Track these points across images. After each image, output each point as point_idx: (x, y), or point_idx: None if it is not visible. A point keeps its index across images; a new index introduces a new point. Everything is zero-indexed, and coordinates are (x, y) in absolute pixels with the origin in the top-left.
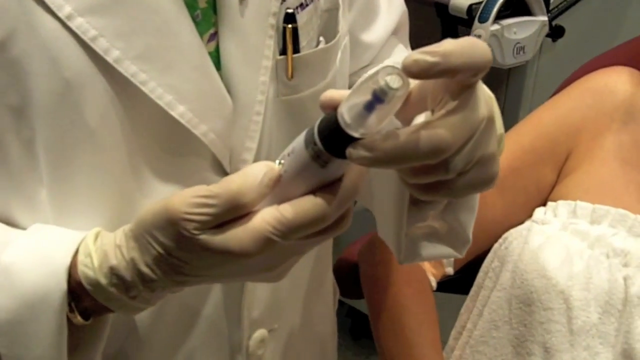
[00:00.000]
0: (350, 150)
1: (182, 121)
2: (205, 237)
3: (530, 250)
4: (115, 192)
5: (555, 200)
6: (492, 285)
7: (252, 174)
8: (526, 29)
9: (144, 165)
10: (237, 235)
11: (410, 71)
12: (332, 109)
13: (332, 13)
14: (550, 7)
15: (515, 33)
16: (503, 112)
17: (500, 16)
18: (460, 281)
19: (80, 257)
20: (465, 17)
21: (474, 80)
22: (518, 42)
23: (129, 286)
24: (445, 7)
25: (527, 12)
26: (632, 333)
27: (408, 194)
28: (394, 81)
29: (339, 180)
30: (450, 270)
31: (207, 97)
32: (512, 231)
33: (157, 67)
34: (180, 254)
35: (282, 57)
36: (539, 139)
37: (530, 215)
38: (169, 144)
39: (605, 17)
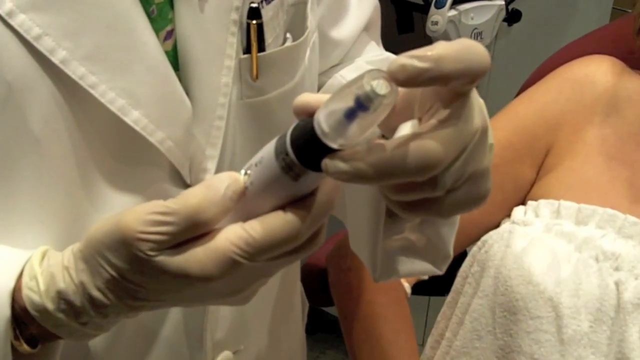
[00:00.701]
0: (326, 163)
1: (137, 128)
2: (161, 258)
3: (514, 254)
4: (64, 205)
5: (535, 199)
6: (472, 291)
7: (214, 187)
8: (483, 13)
9: (95, 177)
10: (198, 257)
11: (397, 78)
12: (307, 115)
13: (299, 7)
14: None
15: (472, 18)
16: None
17: (456, 1)
18: (434, 283)
19: (25, 280)
20: (422, 2)
21: (469, 88)
22: (476, 28)
23: (78, 312)
24: None
25: None
26: (626, 341)
27: (384, 205)
28: (381, 87)
29: (312, 194)
30: (424, 276)
31: (164, 101)
32: (492, 233)
33: (108, 69)
34: (135, 277)
35: (245, 56)
36: (516, 134)
37: (508, 215)
38: (123, 153)
39: (559, 1)
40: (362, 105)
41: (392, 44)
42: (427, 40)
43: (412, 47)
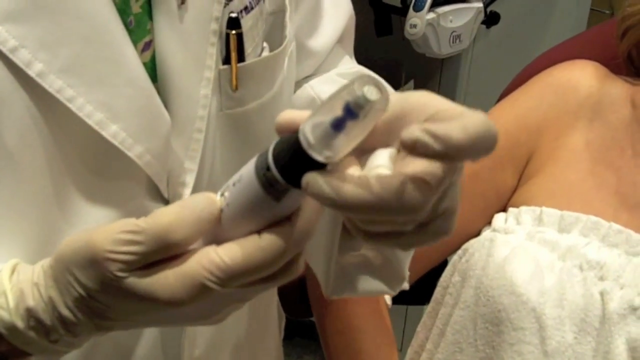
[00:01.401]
0: (308, 179)
1: (115, 142)
2: (130, 280)
3: (495, 263)
4: (38, 220)
5: (517, 206)
6: (453, 302)
7: (188, 207)
8: (462, 16)
9: (71, 191)
10: (167, 280)
11: (405, 145)
12: (290, 132)
13: (278, 16)
14: None
15: (451, 21)
16: None
17: (435, 3)
18: (413, 292)
19: None
20: (400, 5)
21: None
22: (454, 31)
23: (48, 330)
24: None
25: None
26: (612, 353)
27: (341, 221)
28: (372, 92)
29: (291, 217)
30: (405, 286)
31: (143, 114)
32: (473, 242)
33: (86, 82)
34: (103, 297)
35: (225, 66)
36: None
37: (489, 223)
38: (99, 167)
39: (539, 2)
40: (351, 112)
41: (370, 46)
42: (406, 43)
43: (390, 50)
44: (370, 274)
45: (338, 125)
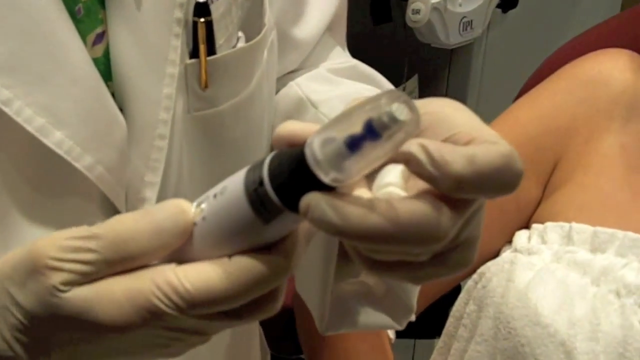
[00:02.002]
0: (309, 201)
1: (60, 152)
2: (71, 295)
3: (517, 289)
4: None
5: (542, 222)
6: (468, 335)
7: (152, 215)
8: None
9: (9, 210)
10: (113, 297)
11: (399, 159)
12: (290, 146)
13: (255, 1)
14: None
15: (460, 5)
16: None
17: None
18: (422, 324)
19: None
20: None
21: None
22: (464, 16)
23: None
24: None
25: None
26: None
27: (337, 243)
28: (402, 111)
29: (273, 245)
30: (411, 317)
31: (93, 119)
32: (490, 265)
33: (25, 82)
34: (43, 322)
35: (192, 60)
36: (517, 146)
37: (509, 241)
38: (43, 182)
39: None
40: (373, 131)
41: (367, 36)
42: (408, 32)
43: (390, 40)
44: (371, 304)
45: (354, 145)
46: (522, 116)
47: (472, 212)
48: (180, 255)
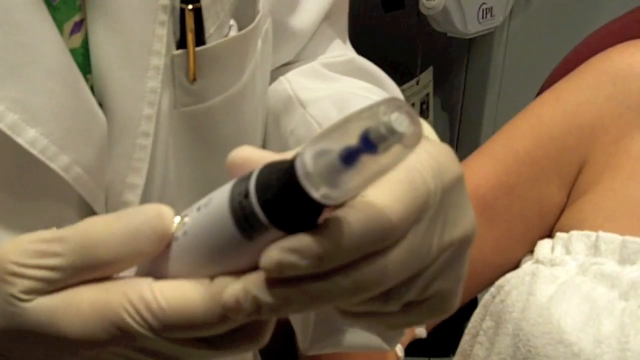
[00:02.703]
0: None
1: (33, 151)
2: (34, 305)
3: (538, 304)
4: None
5: (566, 230)
6: (484, 354)
7: (126, 219)
8: None
9: None
10: (79, 308)
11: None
12: (243, 174)
13: None
14: None
15: None
16: (463, 97)
17: None
18: (434, 341)
19: None
20: None
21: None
22: (484, 3)
23: None
24: None
25: None
26: None
27: None
28: (402, 122)
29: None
30: (422, 332)
31: (69, 115)
32: (510, 277)
33: None
34: (2, 334)
35: (180, 51)
36: (540, 146)
37: (530, 251)
38: (15, 184)
39: None
40: (369, 143)
41: (377, 25)
42: (421, 20)
43: (402, 29)
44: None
45: (349, 158)
46: (545, 114)
47: (441, 264)
48: (157, 271)
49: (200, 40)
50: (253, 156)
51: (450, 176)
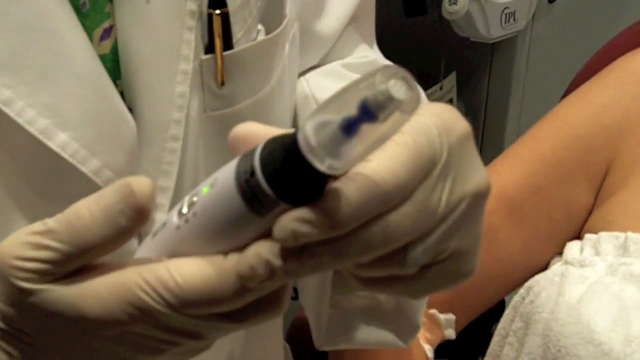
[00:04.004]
0: (282, 223)
1: (65, 155)
2: (49, 294)
3: (568, 304)
4: None
5: (595, 232)
6: (514, 354)
7: (105, 199)
8: None
9: (13, 216)
10: (97, 291)
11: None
12: (246, 150)
13: None
14: None
15: None
16: (487, 101)
17: None
18: (463, 343)
19: None
20: None
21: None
22: (507, 7)
23: None
24: None
25: None
26: None
27: None
28: (399, 89)
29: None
30: (451, 334)
31: (100, 120)
32: (539, 278)
33: (26, 80)
34: (23, 323)
35: (208, 56)
36: (567, 148)
37: (559, 253)
38: (47, 188)
39: None
40: (369, 112)
41: (399, 31)
42: (444, 26)
43: (425, 35)
44: (378, 321)
45: (350, 128)
46: (570, 116)
47: (454, 221)
48: (170, 253)
49: (228, 45)
50: (257, 131)
51: (457, 133)
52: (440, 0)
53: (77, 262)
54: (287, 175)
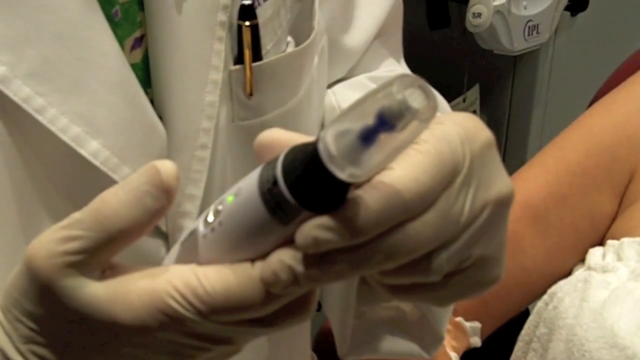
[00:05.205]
0: (304, 231)
1: (96, 162)
2: (87, 296)
3: (591, 309)
4: (4, 261)
5: (617, 238)
6: (538, 359)
7: (131, 182)
8: (540, 1)
9: (43, 223)
10: (128, 298)
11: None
12: (272, 156)
13: (305, 3)
14: None
15: (525, 8)
16: (510, 112)
17: None
18: (488, 350)
19: None
20: None
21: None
22: (530, 20)
23: None
24: None
25: None
26: None
27: None
28: (416, 98)
29: None
30: (476, 341)
31: (131, 128)
32: (562, 284)
33: (59, 88)
34: (53, 325)
35: (237, 66)
36: (591, 156)
37: (582, 260)
38: (78, 194)
39: None
40: (385, 122)
41: (423, 42)
42: (468, 38)
43: (448, 47)
44: (402, 331)
45: (368, 137)
46: (595, 124)
47: (477, 228)
48: (198, 261)
49: (257, 56)
50: (281, 137)
51: (479, 142)
52: (463, 13)
53: (108, 250)
54: (308, 184)
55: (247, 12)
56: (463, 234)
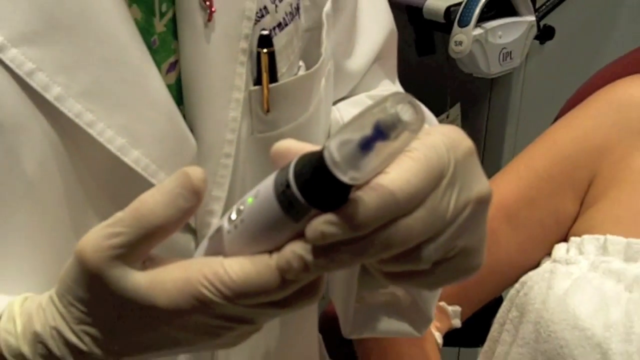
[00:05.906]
0: (314, 226)
1: (137, 169)
2: (125, 282)
3: (556, 296)
4: (56, 253)
5: (579, 235)
6: (511, 339)
7: (166, 185)
8: (513, 31)
9: (91, 222)
10: (164, 286)
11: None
12: (285, 162)
13: (314, 33)
14: (537, 5)
15: (500, 37)
16: (487, 128)
17: (482, 18)
18: (467, 332)
19: (3, 321)
20: (443, 21)
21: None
22: (504, 47)
23: (57, 358)
24: (419, 10)
25: (512, 12)
26: None
27: None
28: (406, 112)
29: None
30: (457, 323)
31: (167, 139)
32: (532, 274)
33: (106, 105)
34: (102, 311)
35: (256, 87)
36: (555, 164)
37: (548, 254)
38: (121, 196)
39: (597, 14)
40: (381, 132)
41: (411, 67)
42: (450, 63)
43: (434, 71)
44: (397, 314)
45: (367, 145)
46: (558, 137)
47: (460, 222)
48: (224, 253)
49: (273, 78)
50: (293, 146)
51: (462, 149)
52: (447, 41)
53: (146, 244)
54: (316, 186)
55: (265, 41)
56: (448, 228)
